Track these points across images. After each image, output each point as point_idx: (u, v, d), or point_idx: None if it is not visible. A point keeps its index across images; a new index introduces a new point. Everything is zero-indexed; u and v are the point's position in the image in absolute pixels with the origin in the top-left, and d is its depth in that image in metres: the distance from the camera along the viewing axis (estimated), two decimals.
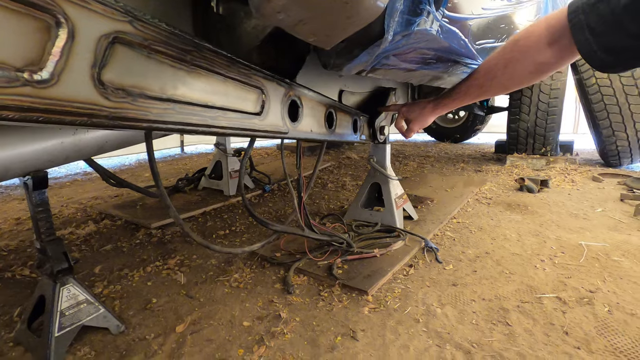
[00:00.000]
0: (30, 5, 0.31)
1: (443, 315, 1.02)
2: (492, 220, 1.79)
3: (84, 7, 0.35)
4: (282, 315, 1.03)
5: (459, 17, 0.60)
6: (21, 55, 0.31)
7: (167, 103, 0.45)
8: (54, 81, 0.33)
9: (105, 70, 0.38)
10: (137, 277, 1.27)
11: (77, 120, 0.36)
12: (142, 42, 0.41)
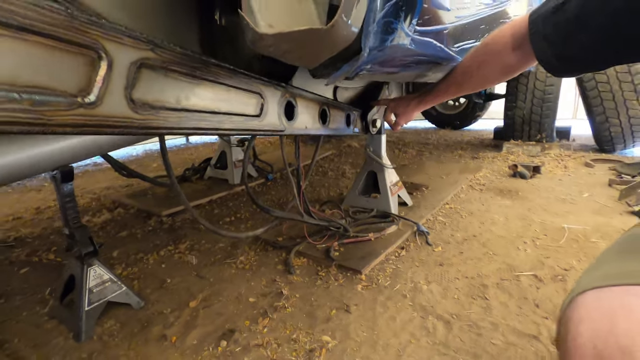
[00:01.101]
0: (81, 46, 0.40)
1: (428, 291, 1.14)
2: (482, 205, 1.89)
3: (118, 42, 0.44)
4: (283, 292, 1.15)
5: (430, 30, 0.69)
6: (76, 85, 0.41)
7: (182, 112, 0.55)
8: (99, 103, 0.43)
9: (134, 90, 0.47)
10: (151, 260, 1.40)
11: (115, 131, 0.46)
12: (161, 64, 0.50)
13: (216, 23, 0.78)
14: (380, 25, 0.54)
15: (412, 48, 0.65)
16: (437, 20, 0.71)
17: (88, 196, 2.21)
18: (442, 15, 0.72)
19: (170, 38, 0.70)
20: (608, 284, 0.34)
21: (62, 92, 0.39)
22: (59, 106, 0.39)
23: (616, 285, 0.33)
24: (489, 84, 0.85)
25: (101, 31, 0.42)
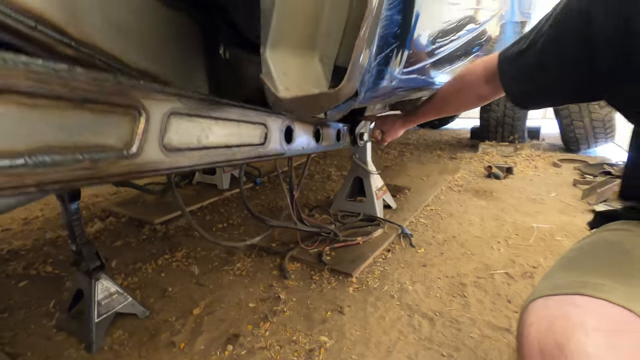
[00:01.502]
0: (126, 107, 0.47)
1: (414, 291, 1.25)
2: (460, 206, 2.03)
3: (153, 98, 0.51)
4: (281, 297, 1.23)
5: (415, 68, 0.78)
6: (122, 140, 0.47)
7: (202, 150, 0.62)
8: (139, 152, 0.49)
9: (166, 136, 0.54)
10: (150, 269, 1.45)
11: (150, 174, 0.53)
12: (186, 111, 0.57)
13: (221, 57, 0.85)
14: (374, 73, 0.63)
15: (400, 85, 0.74)
16: (421, 59, 0.81)
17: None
18: (424, 54, 0.82)
19: (181, 73, 0.77)
20: (553, 293, 0.44)
21: (112, 147, 0.46)
22: (110, 160, 0.46)
23: (558, 294, 0.43)
24: (465, 109, 0.95)
25: (140, 91, 0.49)
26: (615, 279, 0.43)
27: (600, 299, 0.40)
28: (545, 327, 0.39)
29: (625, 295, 0.40)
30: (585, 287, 0.42)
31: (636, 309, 0.38)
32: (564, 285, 0.44)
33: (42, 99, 0.38)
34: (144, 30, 0.67)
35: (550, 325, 0.39)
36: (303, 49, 0.52)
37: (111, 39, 0.61)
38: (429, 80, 0.94)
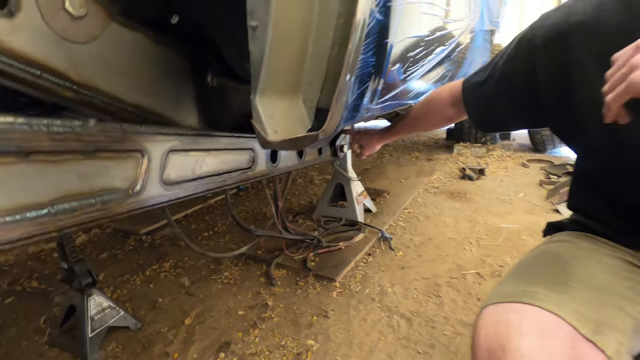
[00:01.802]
0: (131, 151, 0.53)
1: (393, 293, 1.34)
2: (436, 208, 2.14)
3: (154, 140, 0.57)
4: (268, 304, 1.30)
5: (388, 97, 0.86)
6: (128, 181, 0.53)
7: (197, 180, 0.68)
8: (142, 190, 0.55)
9: (165, 172, 0.60)
10: (138, 281, 1.48)
11: (152, 208, 0.58)
12: (182, 147, 0.63)
13: (209, 85, 0.90)
14: (351, 108, 0.70)
15: (375, 112, 0.82)
16: (394, 88, 0.89)
17: None
18: (397, 83, 0.90)
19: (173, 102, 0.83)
20: (500, 301, 0.53)
21: (119, 189, 0.52)
22: (118, 200, 0.52)
23: (504, 302, 0.52)
24: (435, 127, 1.04)
25: (143, 136, 0.55)
26: (551, 288, 0.52)
27: (536, 306, 0.48)
28: (492, 331, 0.48)
29: (556, 302, 0.49)
30: (525, 295, 0.51)
31: (563, 314, 0.47)
32: (509, 293, 0.53)
33: (61, 155, 0.44)
34: (136, 67, 0.72)
35: (495, 329, 0.48)
36: (288, 94, 0.58)
37: (108, 79, 0.67)
38: (402, 102, 1.02)
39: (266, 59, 0.53)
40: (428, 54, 1.06)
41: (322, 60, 0.57)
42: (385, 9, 0.64)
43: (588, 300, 0.50)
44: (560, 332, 0.45)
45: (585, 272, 0.57)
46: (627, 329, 0.48)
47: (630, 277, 0.58)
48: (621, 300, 0.53)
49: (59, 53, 0.58)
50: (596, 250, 0.64)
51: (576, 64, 0.61)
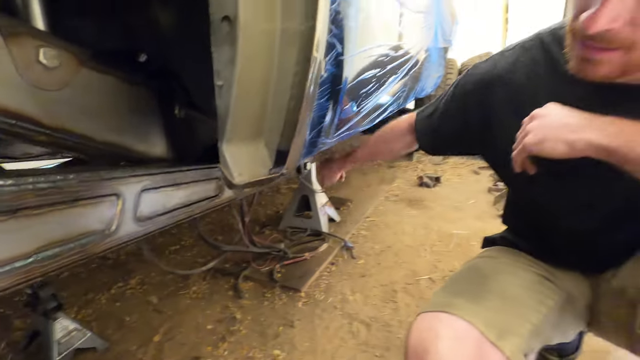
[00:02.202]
0: (107, 195, 0.58)
1: (354, 300, 1.45)
2: (396, 216, 2.29)
3: (128, 183, 0.62)
4: (237, 317, 1.36)
5: (344, 129, 0.96)
6: (104, 222, 0.58)
7: (168, 213, 0.73)
8: (118, 230, 0.60)
9: (138, 210, 0.65)
10: (104, 299, 1.48)
11: (126, 245, 0.64)
12: (153, 185, 0.68)
13: (176, 116, 0.96)
14: (308, 145, 0.79)
15: (331, 145, 0.92)
16: (348, 121, 0.99)
17: None
18: (351, 116, 1.00)
19: (141, 136, 0.88)
20: (429, 310, 0.64)
21: (96, 231, 0.57)
22: (95, 241, 0.57)
23: (432, 311, 0.63)
24: (395, 154, 1.10)
25: (118, 180, 0.60)
26: (469, 300, 0.64)
27: (454, 315, 0.59)
28: (418, 336, 0.59)
29: (471, 312, 0.60)
30: (447, 306, 0.62)
31: (474, 321, 0.58)
32: (436, 304, 0.64)
33: (44, 207, 0.49)
34: (106, 107, 0.77)
35: (421, 334, 0.58)
36: (251, 140, 0.66)
37: (79, 121, 0.71)
38: (358, 129, 1.13)
39: (231, 113, 0.60)
40: (381, 85, 1.17)
41: (281, 111, 0.65)
42: (337, 62, 0.74)
43: (497, 310, 0.62)
44: (471, 337, 0.57)
45: (500, 286, 0.69)
46: (525, 334, 0.60)
47: (539, 289, 0.71)
48: (525, 309, 0.65)
49: (32, 102, 0.62)
50: (514, 265, 0.77)
51: (495, 109, 0.74)
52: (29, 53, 0.60)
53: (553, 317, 0.67)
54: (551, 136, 0.52)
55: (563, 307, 0.70)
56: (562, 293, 0.72)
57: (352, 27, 0.74)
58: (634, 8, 0.44)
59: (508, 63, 0.74)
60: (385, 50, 1.07)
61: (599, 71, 0.51)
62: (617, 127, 0.48)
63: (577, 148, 0.50)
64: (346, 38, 0.73)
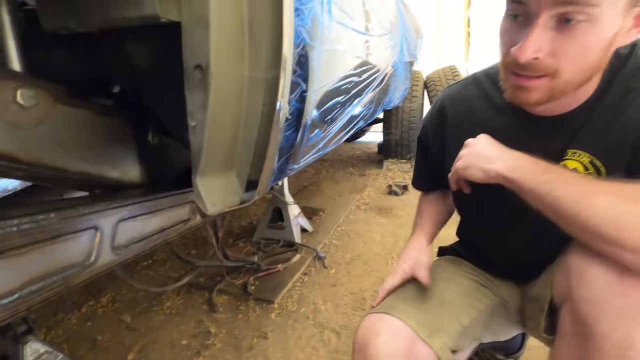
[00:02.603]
0: (87, 229, 0.62)
1: (325, 310, 1.52)
2: (366, 225, 2.39)
3: (106, 215, 0.66)
4: (211, 331, 1.39)
5: (311, 154, 1.04)
6: (84, 254, 0.62)
7: (144, 240, 0.77)
8: (96, 260, 0.64)
9: (115, 240, 0.69)
10: (74, 319, 1.47)
11: (104, 272, 0.67)
12: (130, 215, 0.73)
13: (150, 142, 1.00)
14: (277, 172, 0.86)
15: (299, 169, 0.99)
16: (315, 146, 1.06)
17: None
18: (318, 141, 1.08)
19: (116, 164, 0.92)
20: (376, 311, 0.72)
21: (76, 263, 0.61)
22: (76, 273, 0.61)
23: (378, 312, 0.71)
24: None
25: (96, 214, 0.64)
26: (409, 304, 0.73)
27: (393, 316, 0.68)
28: (363, 332, 0.68)
29: (407, 313, 0.69)
30: (389, 308, 0.71)
31: (409, 321, 0.67)
32: (382, 306, 0.73)
33: (28, 247, 0.53)
34: (82, 140, 0.81)
35: (365, 330, 0.68)
36: (223, 172, 0.72)
37: (55, 155, 0.75)
38: (326, 150, 1.21)
39: (204, 150, 0.66)
40: (347, 108, 1.26)
41: (250, 146, 0.72)
42: (301, 98, 0.81)
43: (431, 312, 0.72)
44: (405, 334, 0.66)
45: (438, 291, 0.78)
46: (454, 333, 0.71)
47: (474, 294, 0.81)
48: (457, 312, 0.75)
49: (10, 140, 0.65)
50: (455, 273, 0.87)
51: (446, 138, 0.85)
52: (6, 95, 0.64)
53: (483, 319, 0.78)
54: (473, 164, 0.63)
55: (494, 310, 0.81)
56: (496, 298, 0.82)
57: (315, 67, 0.82)
58: (552, 41, 0.53)
59: (451, 98, 0.85)
60: (350, 78, 1.16)
61: (531, 97, 0.60)
62: (519, 162, 0.59)
63: (490, 176, 0.61)
64: (310, 77, 0.81)
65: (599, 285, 0.50)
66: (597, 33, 0.52)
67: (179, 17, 0.62)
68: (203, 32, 0.60)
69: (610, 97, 0.63)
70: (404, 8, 3.11)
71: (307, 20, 0.74)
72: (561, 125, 0.68)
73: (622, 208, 0.47)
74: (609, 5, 0.50)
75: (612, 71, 0.63)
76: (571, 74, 0.56)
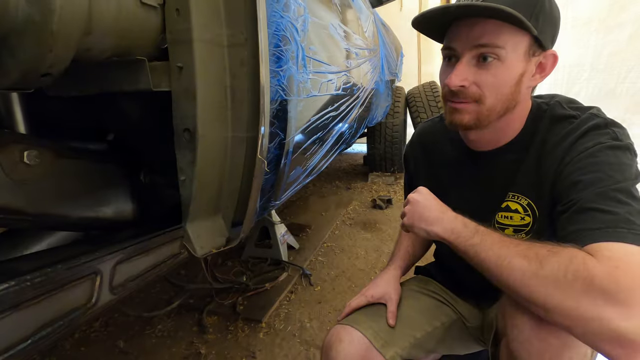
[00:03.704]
0: (91, 274, 0.70)
1: (310, 327, 1.60)
2: (351, 240, 2.48)
3: (105, 260, 0.74)
4: (202, 352, 1.46)
5: (290, 189, 1.13)
6: (86, 297, 0.69)
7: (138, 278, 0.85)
8: (97, 302, 0.72)
9: (114, 280, 0.77)
10: (68, 345, 1.52)
11: (102, 310, 0.75)
12: (126, 256, 0.81)
13: (142, 182, 1.08)
14: (260, 210, 0.95)
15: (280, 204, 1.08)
16: (295, 181, 1.16)
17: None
18: (298, 176, 1.17)
19: (112, 205, 0.99)
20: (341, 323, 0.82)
21: (79, 307, 0.68)
22: (80, 315, 0.68)
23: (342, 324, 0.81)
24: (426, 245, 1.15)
25: (97, 260, 0.72)
26: (370, 318, 0.83)
27: (354, 328, 0.79)
28: (329, 339, 0.79)
29: (366, 326, 0.80)
30: (353, 321, 0.82)
31: (366, 333, 0.78)
32: (348, 319, 0.84)
33: (39, 297, 0.61)
34: (80, 188, 0.89)
35: (330, 337, 0.79)
36: (210, 217, 0.81)
37: (58, 205, 0.82)
38: (306, 181, 1.30)
39: (192, 200, 0.75)
40: (326, 141, 1.36)
41: (235, 193, 0.81)
42: (280, 145, 0.91)
43: (388, 327, 0.82)
44: (362, 343, 0.77)
45: (400, 307, 0.88)
46: (407, 345, 0.82)
47: (433, 312, 0.92)
48: (413, 326, 0.86)
49: (18, 197, 0.73)
50: (420, 292, 0.97)
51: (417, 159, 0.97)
52: (14, 157, 0.72)
53: (437, 334, 0.88)
54: (416, 224, 0.73)
55: (450, 326, 0.91)
56: (455, 316, 0.93)
57: (292, 116, 0.92)
58: (474, 74, 0.67)
59: (422, 130, 1.01)
60: (328, 115, 1.26)
61: (464, 119, 0.72)
62: (453, 224, 0.68)
63: (432, 236, 0.71)
64: (288, 126, 0.91)
65: (525, 330, 0.59)
66: (506, 70, 0.66)
67: (170, 87, 0.71)
68: (191, 101, 0.69)
69: (534, 148, 0.74)
70: (384, 30, 3.26)
71: (283, 79, 0.84)
72: (497, 159, 0.80)
73: (531, 272, 0.54)
74: (512, 49, 0.65)
75: (534, 122, 0.75)
76: (492, 101, 0.68)
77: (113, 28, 0.59)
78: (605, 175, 0.60)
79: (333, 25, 1.28)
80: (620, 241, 0.52)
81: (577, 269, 0.50)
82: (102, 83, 0.71)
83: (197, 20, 0.67)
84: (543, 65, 0.70)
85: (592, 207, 0.58)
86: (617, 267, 0.49)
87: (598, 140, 0.65)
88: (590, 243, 0.54)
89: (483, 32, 0.65)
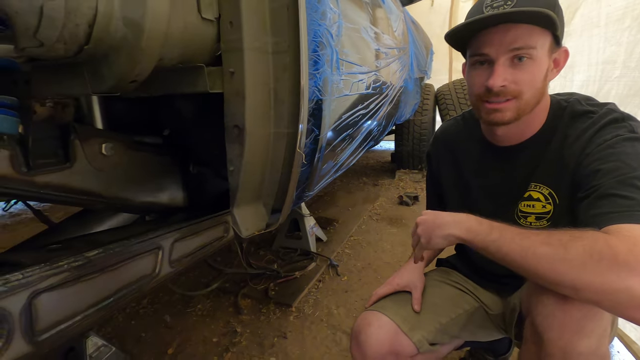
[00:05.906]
0: (154, 249, 0.83)
1: (337, 314, 1.69)
2: (377, 235, 2.55)
3: (165, 237, 0.87)
4: (237, 330, 1.59)
5: (324, 180, 1.22)
6: (151, 268, 0.82)
7: (190, 256, 0.98)
8: (160, 272, 0.84)
9: (172, 256, 0.90)
10: (120, 318, 1.70)
11: (163, 280, 0.88)
12: (182, 236, 0.93)
13: (191, 172, 1.21)
14: (295, 199, 1.05)
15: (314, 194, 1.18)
16: (327, 173, 1.25)
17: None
18: (329, 169, 1.26)
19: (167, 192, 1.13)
20: (370, 309, 0.89)
21: (146, 275, 0.81)
22: (147, 282, 0.81)
23: (371, 310, 0.89)
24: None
25: (160, 237, 0.85)
26: (398, 304, 0.90)
27: (383, 313, 0.86)
28: (359, 323, 0.86)
29: (393, 312, 0.87)
30: (381, 307, 0.89)
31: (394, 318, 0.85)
32: (376, 306, 0.91)
33: (119, 264, 0.73)
34: (143, 176, 1.02)
35: (360, 322, 0.86)
36: (254, 203, 0.92)
37: (126, 190, 0.96)
38: (337, 174, 1.39)
39: (239, 188, 0.86)
40: (356, 137, 1.44)
41: (275, 183, 0.91)
42: (315, 140, 1.00)
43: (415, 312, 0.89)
44: (390, 327, 0.84)
45: (423, 295, 0.95)
46: (432, 330, 0.88)
47: (455, 300, 0.98)
48: (438, 312, 0.92)
49: (97, 182, 0.87)
50: (442, 282, 1.04)
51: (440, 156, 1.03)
52: (95, 149, 0.86)
53: (461, 320, 0.94)
54: (433, 235, 0.73)
55: (473, 314, 0.97)
56: (476, 304, 0.98)
57: (327, 115, 1.01)
58: (512, 74, 0.73)
59: (444, 129, 1.05)
60: (358, 112, 1.35)
61: (504, 116, 0.76)
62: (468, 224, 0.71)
63: (450, 240, 0.72)
64: (322, 123, 1.00)
65: (549, 305, 0.64)
66: (537, 66, 0.72)
67: (222, 89, 0.82)
68: (240, 101, 0.80)
69: (555, 141, 0.79)
70: (414, 27, 3.27)
71: (319, 81, 0.93)
72: (520, 153, 0.85)
73: (558, 257, 0.57)
74: (540, 47, 0.71)
75: (555, 118, 0.80)
76: (529, 95, 0.74)
77: (180, 40, 0.70)
78: (623, 164, 0.65)
79: (364, 28, 1.35)
80: (638, 223, 0.58)
81: (601, 249, 0.55)
82: (166, 86, 0.82)
83: (247, 31, 0.77)
84: (557, 61, 0.76)
85: (612, 192, 0.63)
86: (636, 244, 0.54)
87: (616, 132, 0.70)
88: (611, 224, 0.60)
89: (517, 36, 0.70)
